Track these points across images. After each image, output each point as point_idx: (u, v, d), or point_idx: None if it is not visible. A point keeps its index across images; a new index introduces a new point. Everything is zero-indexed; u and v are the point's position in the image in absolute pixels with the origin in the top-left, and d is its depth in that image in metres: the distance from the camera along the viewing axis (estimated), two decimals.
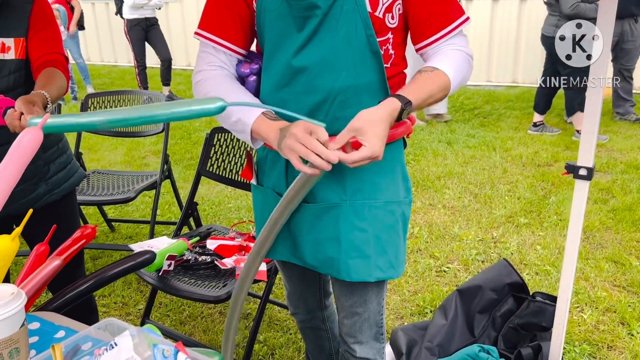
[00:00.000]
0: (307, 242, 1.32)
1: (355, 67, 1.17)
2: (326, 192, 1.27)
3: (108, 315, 2.45)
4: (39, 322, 1.02)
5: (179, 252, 1.96)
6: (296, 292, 1.61)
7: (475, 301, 1.92)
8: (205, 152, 2.22)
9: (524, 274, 2.71)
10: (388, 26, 1.19)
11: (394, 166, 1.31)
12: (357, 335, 1.41)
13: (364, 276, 1.28)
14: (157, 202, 2.82)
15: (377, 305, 1.39)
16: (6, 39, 1.51)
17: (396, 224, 1.30)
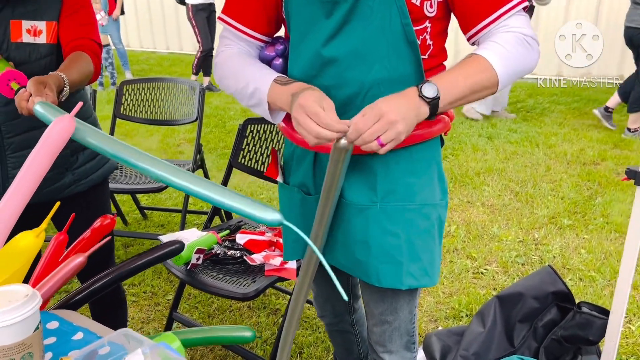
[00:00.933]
0: (335, 242, 1.25)
1: (389, 59, 1.08)
2: (355, 193, 1.18)
3: (137, 304, 2.44)
4: (58, 322, 0.98)
5: (208, 246, 1.91)
6: (323, 295, 1.54)
7: (516, 309, 1.81)
8: (238, 143, 2.16)
9: (567, 280, 2.58)
10: (426, 15, 1.08)
11: (430, 165, 1.21)
12: (387, 344, 1.33)
13: (394, 283, 1.19)
14: None
15: (408, 314, 1.31)
16: (38, 22, 1.47)
17: (432, 228, 1.21)
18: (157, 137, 4.91)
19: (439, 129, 1.18)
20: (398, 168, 1.17)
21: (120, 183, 2.69)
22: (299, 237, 1.29)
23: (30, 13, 1.46)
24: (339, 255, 1.26)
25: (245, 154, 2.17)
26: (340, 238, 1.24)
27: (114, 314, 1.84)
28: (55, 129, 0.96)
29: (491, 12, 1.07)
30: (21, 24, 1.45)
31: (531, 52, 1.08)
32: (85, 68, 1.46)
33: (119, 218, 3.23)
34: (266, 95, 1.13)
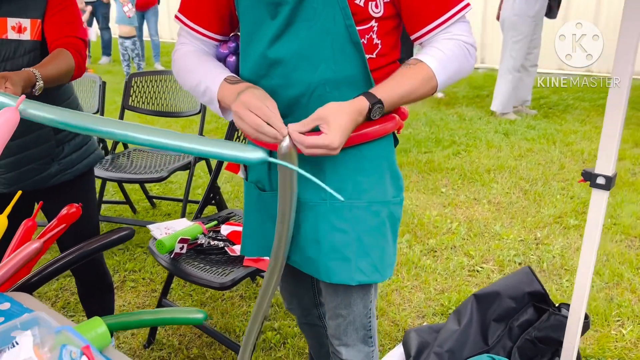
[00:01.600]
0: (292, 238, 1.26)
1: (334, 59, 1.10)
2: (305, 191, 1.20)
3: (135, 290, 2.53)
4: (9, 303, 1.05)
5: (193, 236, 1.97)
6: (288, 289, 1.57)
7: (492, 308, 1.81)
8: (228, 137, 2.21)
9: (564, 280, 2.54)
10: (372, 15, 1.09)
11: (380, 163, 1.22)
12: (342, 337, 1.36)
13: (344, 279, 1.22)
14: (190, 182, 2.86)
15: (363, 308, 1.32)
16: (23, 19, 1.53)
17: (381, 225, 1.22)
18: (175, 128, 5.02)
19: (390, 127, 1.20)
20: (346, 166, 1.19)
21: (126, 172, 2.79)
22: (258, 233, 1.34)
23: (15, 11, 1.52)
24: (292, 253, 1.28)
25: None
26: (292, 235, 1.25)
27: (100, 299, 1.92)
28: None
29: (435, 17, 1.10)
30: (6, 21, 1.51)
31: (469, 59, 1.14)
32: (63, 64, 1.50)
33: (127, 206, 3.34)
34: (216, 94, 1.16)
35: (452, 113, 5.47)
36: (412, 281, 2.56)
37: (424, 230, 3.04)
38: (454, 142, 4.48)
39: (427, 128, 4.93)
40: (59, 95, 1.65)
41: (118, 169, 2.80)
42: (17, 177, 1.64)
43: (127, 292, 2.51)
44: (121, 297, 2.47)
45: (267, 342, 2.15)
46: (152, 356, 2.08)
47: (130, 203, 3.31)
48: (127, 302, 2.44)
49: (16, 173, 1.63)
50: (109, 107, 5.24)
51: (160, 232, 1.98)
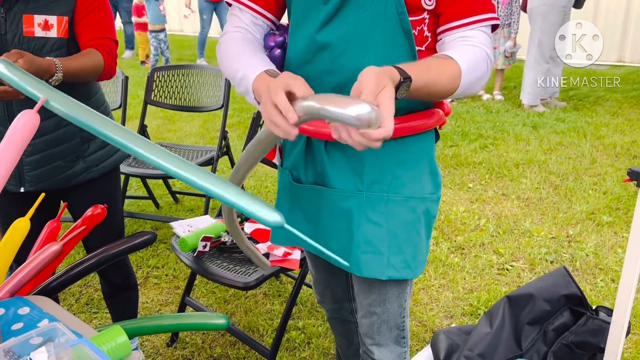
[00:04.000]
0: (320, 230, 1.25)
1: (383, 47, 1.07)
2: (341, 180, 1.18)
3: (158, 286, 2.51)
4: (28, 308, 1.02)
5: (216, 234, 1.94)
6: (322, 281, 1.53)
7: (526, 311, 1.73)
8: (251, 132, 2.16)
9: (598, 280, 2.44)
10: (424, 7, 1.07)
11: (421, 159, 1.20)
12: (375, 336, 1.32)
13: (375, 273, 1.18)
14: None
15: (397, 307, 1.28)
16: (50, 16, 1.51)
17: (417, 221, 1.19)
18: (197, 122, 5.01)
19: (432, 122, 1.18)
20: (387, 159, 1.16)
21: (152, 168, 2.76)
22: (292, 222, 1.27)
23: (43, 7, 1.50)
24: (322, 243, 1.25)
25: None
26: (324, 225, 1.24)
27: (124, 298, 1.90)
28: (18, 123, 0.99)
29: (462, 16, 1.07)
30: (33, 18, 1.49)
31: (488, 72, 1.11)
32: (89, 61, 1.49)
33: (150, 201, 3.33)
34: (251, 84, 1.11)
35: (478, 105, 5.35)
36: (439, 280, 2.49)
37: (452, 226, 2.96)
38: (481, 136, 4.37)
39: (452, 121, 4.83)
40: (83, 92, 1.63)
41: (141, 165, 2.79)
42: (43, 175, 1.61)
43: (150, 288, 2.50)
44: (144, 293, 2.46)
45: (291, 342, 2.11)
46: (175, 355, 2.06)
47: (154, 198, 3.30)
48: (150, 299, 2.42)
49: (42, 171, 1.61)
50: (132, 101, 5.26)
51: (183, 230, 1.95)
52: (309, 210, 1.26)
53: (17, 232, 1.12)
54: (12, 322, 0.98)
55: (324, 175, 1.21)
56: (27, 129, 0.97)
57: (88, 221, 1.24)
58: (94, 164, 1.69)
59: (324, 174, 1.21)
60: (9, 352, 0.80)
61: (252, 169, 1.15)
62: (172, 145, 3.08)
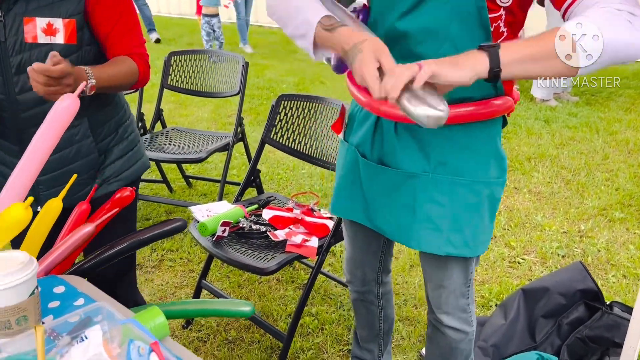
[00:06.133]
0: (381, 207, 1.31)
1: (460, 39, 1.10)
2: (408, 160, 1.23)
3: (173, 269, 2.54)
4: (64, 287, 1.04)
5: (235, 219, 1.95)
6: (356, 258, 1.57)
7: (541, 304, 1.76)
8: (271, 119, 2.17)
9: (609, 276, 2.46)
10: (499, 4, 1.09)
11: (488, 144, 1.23)
12: (443, 306, 1.39)
13: (433, 249, 1.25)
14: (228, 163, 2.85)
15: (463, 278, 1.35)
16: (54, 19, 1.28)
17: (480, 204, 1.23)
18: (209, 107, 5.01)
19: (501, 109, 1.20)
20: (454, 142, 1.21)
21: (164, 152, 2.78)
22: (347, 194, 1.38)
23: (46, 8, 1.27)
24: (381, 220, 1.33)
25: (278, 130, 2.19)
26: (386, 203, 1.30)
27: None
28: (60, 106, 1.00)
29: None
30: (35, 22, 1.27)
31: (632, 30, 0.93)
32: (123, 70, 1.34)
33: (164, 185, 3.35)
34: (314, 29, 1.10)
35: None
36: None
37: None
38: None
39: None
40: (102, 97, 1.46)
41: (156, 148, 2.80)
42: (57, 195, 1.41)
43: (164, 271, 2.52)
44: (159, 276, 2.49)
45: (305, 328, 2.14)
46: (191, 337, 2.09)
47: (167, 182, 3.32)
48: (164, 281, 2.45)
49: (58, 190, 1.39)
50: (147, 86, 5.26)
51: (202, 214, 1.97)
52: (371, 186, 1.31)
53: (50, 212, 1.14)
54: (48, 300, 1.00)
55: (391, 155, 1.26)
56: (69, 112, 0.98)
57: (117, 203, 1.25)
58: (112, 176, 1.51)
59: (392, 153, 1.26)
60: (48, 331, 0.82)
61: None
62: (188, 130, 3.10)
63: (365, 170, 1.32)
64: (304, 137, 2.16)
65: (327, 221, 1.99)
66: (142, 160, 1.61)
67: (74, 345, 0.62)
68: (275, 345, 2.04)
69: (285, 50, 7.45)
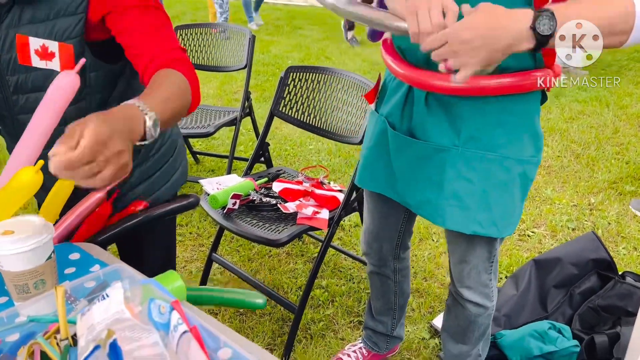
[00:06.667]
0: (408, 179, 1.28)
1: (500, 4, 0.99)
2: (438, 133, 1.19)
3: (183, 244, 2.55)
4: (79, 254, 1.04)
5: (245, 192, 1.95)
6: (374, 231, 1.56)
7: (553, 274, 1.75)
8: (279, 92, 2.15)
9: (620, 248, 2.45)
10: None
11: (522, 120, 1.17)
12: (465, 281, 1.38)
13: (459, 227, 1.22)
14: (235, 138, 2.84)
15: (487, 254, 1.33)
16: (49, 41, 1.04)
17: (511, 182, 1.19)
18: (214, 83, 4.98)
19: (539, 82, 1.12)
20: (488, 117, 1.16)
21: None
22: (372, 166, 1.36)
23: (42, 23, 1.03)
24: (407, 193, 1.30)
25: (287, 103, 2.17)
26: (413, 176, 1.27)
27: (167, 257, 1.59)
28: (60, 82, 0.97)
29: None
30: (28, 43, 1.03)
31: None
32: (176, 89, 0.95)
33: None
34: None
35: None
36: None
37: None
38: None
39: None
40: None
41: None
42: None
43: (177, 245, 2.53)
44: None
45: (315, 300, 2.15)
46: (202, 309, 2.10)
47: None
48: None
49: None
50: None
51: (212, 188, 1.97)
52: (399, 158, 1.29)
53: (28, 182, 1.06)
54: (63, 267, 1.00)
55: (421, 127, 1.22)
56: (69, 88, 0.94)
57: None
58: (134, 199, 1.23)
59: (422, 125, 1.22)
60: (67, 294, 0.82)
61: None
62: None
63: (393, 142, 1.28)
64: (313, 110, 2.14)
65: (337, 194, 1.98)
66: (174, 180, 1.32)
67: (96, 303, 0.62)
68: (286, 317, 2.05)
69: (290, 26, 7.37)
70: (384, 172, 1.35)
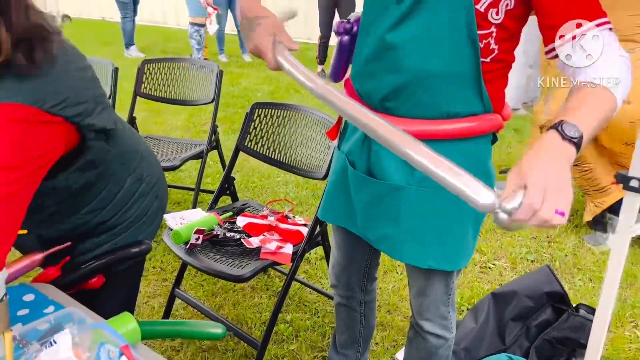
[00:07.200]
0: (368, 215, 1.33)
1: (449, 54, 1.10)
2: (394, 173, 1.24)
3: (146, 278, 2.52)
4: (33, 294, 1.03)
5: (208, 227, 1.95)
6: (341, 264, 1.59)
7: (510, 307, 1.80)
8: (245, 127, 2.18)
9: (576, 279, 2.52)
10: (490, 22, 1.09)
11: (474, 160, 1.23)
12: (424, 313, 1.42)
13: (415, 261, 1.27)
14: (202, 172, 2.85)
15: (444, 287, 1.37)
16: None
17: (464, 218, 1.25)
18: (184, 116, 4.99)
19: (488, 127, 1.20)
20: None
21: None
22: (335, 202, 1.41)
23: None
24: (367, 228, 1.35)
25: (252, 138, 2.20)
26: (372, 212, 1.32)
27: None
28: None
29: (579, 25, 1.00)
30: None
31: (629, 77, 1.00)
32: None
33: None
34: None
35: None
36: None
37: None
38: None
39: None
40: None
41: None
42: None
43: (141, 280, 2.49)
44: None
45: (279, 335, 2.14)
46: (164, 346, 2.07)
47: None
48: None
49: None
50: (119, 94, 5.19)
51: (176, 222, 1.97)
52: (359, 195, 1.33)
53: None
54: (17, 308, 0.99)
55: (378, 166, 1.27)
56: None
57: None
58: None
59: (379, 165, 1.27)
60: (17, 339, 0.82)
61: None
62: (160, 138, 3.08)
63: (353, 180, 1.34)
64: (279, 145, 2.17)
65: (301, 228, 2.00)
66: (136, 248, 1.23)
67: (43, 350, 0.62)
68: (249, 353, 2.04)
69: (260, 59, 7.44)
70: (345, 207, 1.39)
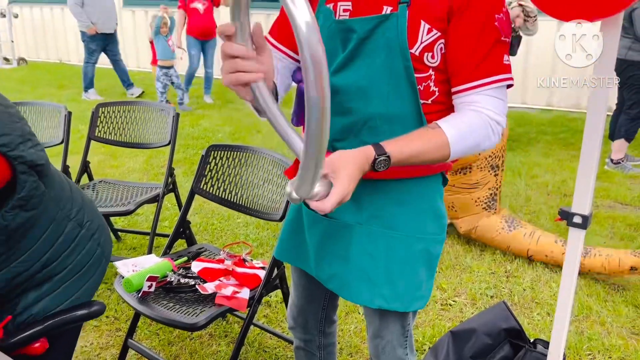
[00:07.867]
0: (319, 254, 1.32)
1: (389, 96, 1.14)
2: (343, 211, 1.24)
3: (98, 329, 2.41)
4: None
5: (162, 273, 1.90)
6: (298, 305, 1.56)
7: (469, 345, 1.79)
8: (200, 170, 2.16)
9: (534, 314, 2.55)
10: (427, 65, 1.13)
11: (424, 199, 1.25)
12: (381, 356, 1.38)
13: (365, 301, 1.25)
14: (157, 216, 2.78)
15: (401, 328, 1.34)
16: None
17: (414, 259, 1.24)
18: (142, 158, 4.92)
19: (434, 167, 1.23)
20: (386, 196, 1.22)
21: None
22: (292, 241, 1.40)
23: None
24: (319, 267, 1.34)
25: (208, 180, 2.17)
26: (323, 250, 1.31)
27: None
28: None
29: (467, 80, 1.11)
30: None
31: (491, 137, 1.13)
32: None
33: None
34: None
35: None
36: None
37: None
38: None
39: None
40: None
41: None
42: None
43: (89, 331, 2.39)
44: (83, 337, 2.35)
45: None
46: None
47: None
48: (89, 342, 2.32)
49: None
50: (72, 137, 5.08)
51: (127, 270, 1.90)
52: (312, 233, 1.33)
53: None
54: None
55: None
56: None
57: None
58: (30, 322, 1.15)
59: None
60: None
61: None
62: (116, 182, 3.02)
63: (307, 218, 1.35)
64: (235, 187, 2.15)
65: (259, 271, 1.97)
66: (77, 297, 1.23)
67: None
68: None
69: (222, 100, 7.48)
70: (300, 246, 1.39)
